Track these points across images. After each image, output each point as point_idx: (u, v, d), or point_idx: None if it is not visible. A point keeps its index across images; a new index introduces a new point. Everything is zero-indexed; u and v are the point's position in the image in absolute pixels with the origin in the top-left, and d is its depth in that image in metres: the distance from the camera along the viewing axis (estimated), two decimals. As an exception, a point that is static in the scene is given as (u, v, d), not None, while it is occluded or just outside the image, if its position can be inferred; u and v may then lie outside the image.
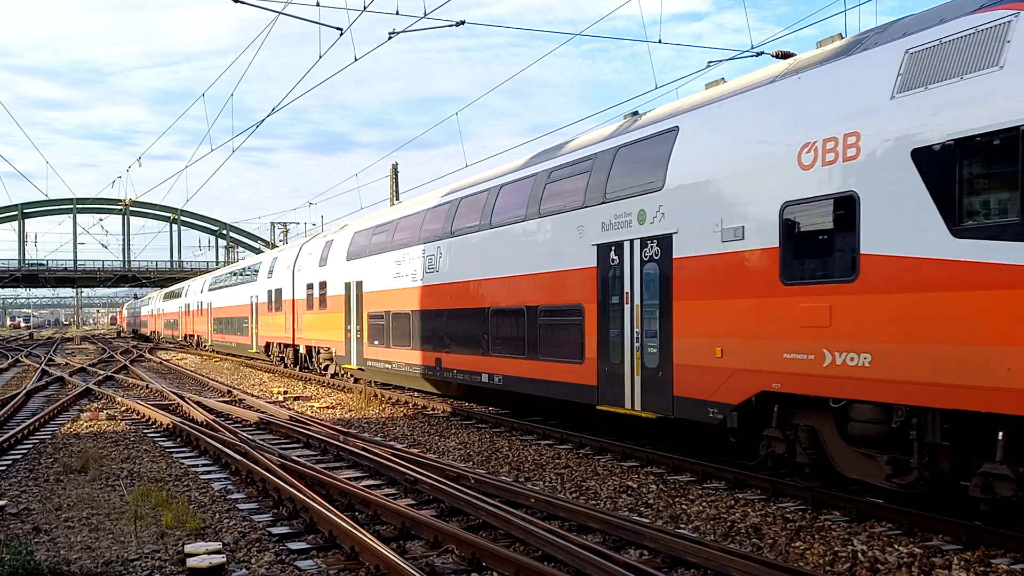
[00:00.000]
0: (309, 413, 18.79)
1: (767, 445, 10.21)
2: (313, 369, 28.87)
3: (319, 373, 27.97)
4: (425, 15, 14.63)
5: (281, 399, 22.07)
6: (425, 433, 15.70)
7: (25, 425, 16.20)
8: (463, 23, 15.44)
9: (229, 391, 23.78)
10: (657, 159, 11.70)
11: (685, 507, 9.62)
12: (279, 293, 32.20)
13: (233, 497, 10.39)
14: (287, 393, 23.56)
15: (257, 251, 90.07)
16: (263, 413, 17.98)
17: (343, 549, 7.80)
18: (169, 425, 16.31)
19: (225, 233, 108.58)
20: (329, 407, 20.19)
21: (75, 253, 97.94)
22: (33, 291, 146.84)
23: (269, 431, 16.06)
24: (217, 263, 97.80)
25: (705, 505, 9.69)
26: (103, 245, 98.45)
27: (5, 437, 14.49)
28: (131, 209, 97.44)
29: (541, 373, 14.41)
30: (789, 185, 9.43)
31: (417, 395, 20.94)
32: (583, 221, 13.18)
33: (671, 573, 7.23)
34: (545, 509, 9.20)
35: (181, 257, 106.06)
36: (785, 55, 11.87)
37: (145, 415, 18.46)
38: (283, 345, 32.47)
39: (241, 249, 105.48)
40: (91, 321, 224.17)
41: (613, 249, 12.47)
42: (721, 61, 14.24)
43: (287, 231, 68.78)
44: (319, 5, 14.71)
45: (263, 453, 12.32)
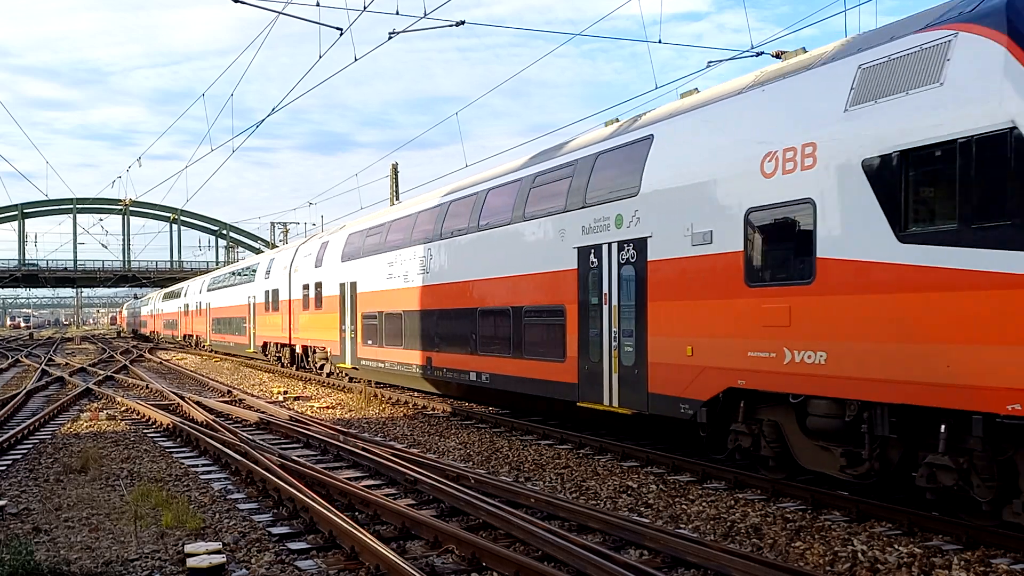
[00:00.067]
0: (309, 413, 18.80)
1: (734, 439, 10.63)
2: (309, 368, 29.07)
3: (315, 372, 28.16)
4: (425, 15, 14.63)
5: (281, 399, 22.08)
6: (425, 433, 15.70)
7: (25, 425, 16.21)
8: (463, 23, 15.44)
9: (229, 391, 23.79)
10: (633, 165, 12.13)
11: (685, 507, 9.63)
12: (276, 293, 32.38)
13: (233, 497, 10.39)
14: (287, 393, 23.57)
15: (257, 251, 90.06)
16: (263, 413, 17.98)
17: (343, 549, 7.81)
18: (169, 425, 16.32)
19: (225, 233, 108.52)
20: (329, 407, 20.20)
21: (75, 253, 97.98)
22: (33, 291, 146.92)
23: (269, 431, 16.07)
24: (217, 263, 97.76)
25: (705, 505, 9.70)
26: (103, 245, 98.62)
27: (5, 437, 14.49)
28: (131, 209, 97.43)
29: (526, 371, 14.78)
30: (753, 192, 9.87)
31: (417, 395, 20.97)
32: (565, 224, 13.57)
33: (671, 573, 7.23)
34: (545, 509, 9.20)
35: (181, 257, 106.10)
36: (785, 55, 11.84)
37: (145, 415, 18.47)
38: (280, 345, 32.63)
39: (241, 249, 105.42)
40: (91, 321, 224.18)
41: (592, 252, 12.86)
42: (721, 61, 14.22)
43: (287, 231, 68.78)
44: (319, 5, 14.71)
45: (263, 453, 12.33)
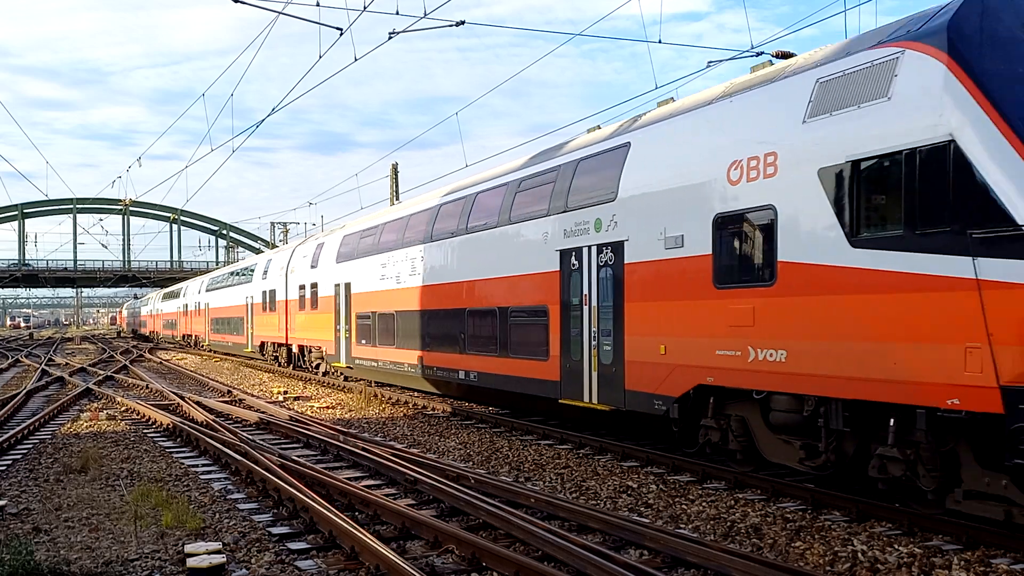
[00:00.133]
0: (309, 413, 18.80)
1: (704, 434, 11.18)
2: (306, 368, 29.33)
3: (311, 371, 28.42)
4: (425, 15, 14.63)
5: (281, 399, 22.08)
6: (425, 433, 15.71)
7: (25, 425, 16.21)
8: (463, 23, 15.44)
9: (229, 391, 23.78)
10: (611, 172, 12.62)
11: (685, 507, 9.63)
12: (273, 294, 32.71)
13: (233, 497, 10.39)
14: (287, 393, 23.57)
15: (257, 251, 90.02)
16: (263, 413, 17.98)
17: (343, 549, 7.80)
18: (169, 425, 16.32)
19: (225, 233, 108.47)
20: (329, 407, 20.20)
21: (75, 253, 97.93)
22: (33, 291, 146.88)
23: (269, 431, 16.07)
24: (217, 263, 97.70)
25: (705, 505, 9.70)
26: (103, 245, 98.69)
27: (5, 437, 14.49)
28: (131, 209, 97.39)
29: (511, 370, 15.26)
30: (720, 198, 10.36)
31: (417, 395, 21.00)
32: (548, 228, 14.08)
33: (671, 573, 7.23)
34: (545, 509, 9.20)
35: (181, 257, 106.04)
36: (785, 55, 11.85)
37: (145, 415, 18.47)
38: (277, 344, 32.90)
39: (241, 249, 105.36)
40: (91, 321, 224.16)
41: (574, 254, 13.36)
42: (721, 61, 14.23)
43: (287, 231, 68.79)
44: (319, 5, 14.71)
45: (263, 453, 12.33)
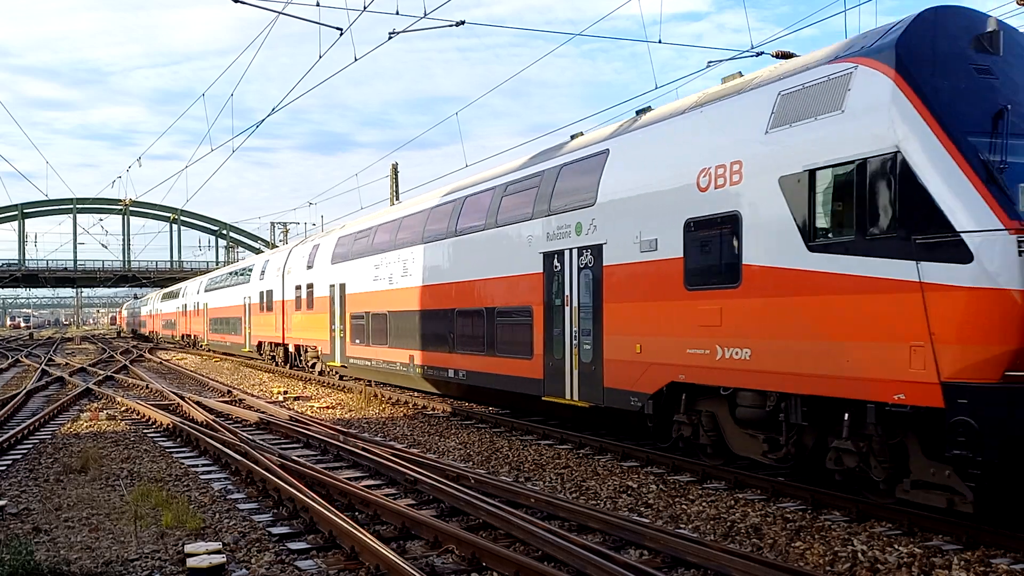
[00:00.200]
0: (309, 413, 18.80)
1: (677, 429, 11.63)
2: (302, 367, 29.61)
3: (307, 371, 28.69)
4: (425, 15, 14.63)
5: (281, 399, 22.08)
6: (425, 433, 15.71)
7: (25, 425, 16.21)
8: (463, 23, 15.45)
9: (229, 391, 23.79)
10: (591, 177, 13.09)
11: (685, 507, 9.63)
12: (270, 294, 33.04)
13: (233, 497, 10.39)
14: (287, 393, 23.58)
15: (257, 251, 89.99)
16: (263, 413, 17.99)
17: (343, 549, 7.80)
18: (169, 425, 16.32)
19: (225, 233, 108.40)
20: (329, 407, 20.20)
21: (75, 253, 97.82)
22: (33, 291, 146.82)
23: (269, 431, 16.07)
24: (217, 263, 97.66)
25: (705, 505, 9.70)
26: (103, 245, 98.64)
27: (5, 437, 14.49)
28: (131, 209, 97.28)
29: (498, 368, 15.68)
30: (690, 204, 10.83)
31: (417, 395, 21.03)
32: (532, 231, 14.52)
33: (671, 573, 7.23)
34: (545, 509, 9.20)
35: (181, 257, 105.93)
36: (785, 55, 11.85)
37: (145, 415, 18.47)
38: (274, 344, 33.17)
39: (241, 249, 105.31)
40: (91, 321, 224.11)
41: (556, 257, 13.80)
42: (721, 61, 14.27)
43: (287, 231, 68.74)
44: (319, 5, 14.71)
45: (263, 453, 12.33)
